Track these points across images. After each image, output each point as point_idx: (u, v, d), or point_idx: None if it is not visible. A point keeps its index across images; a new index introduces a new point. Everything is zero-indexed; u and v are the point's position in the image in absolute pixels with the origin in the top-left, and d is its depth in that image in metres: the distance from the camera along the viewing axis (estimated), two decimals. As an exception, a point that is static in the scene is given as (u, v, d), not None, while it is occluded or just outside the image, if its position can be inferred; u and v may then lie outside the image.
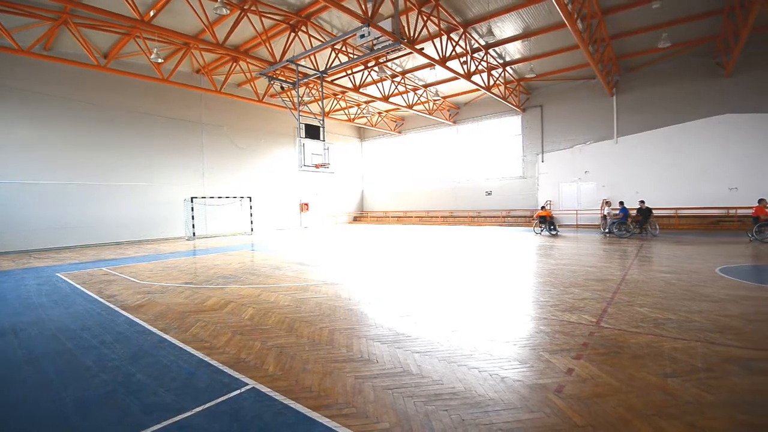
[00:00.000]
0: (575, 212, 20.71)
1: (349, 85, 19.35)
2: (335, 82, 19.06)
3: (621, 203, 16.02)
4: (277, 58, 14.91)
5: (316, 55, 15.77)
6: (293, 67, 14.96)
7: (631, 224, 15.26)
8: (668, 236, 14.71)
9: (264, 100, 19.94)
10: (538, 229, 17.40)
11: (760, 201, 12.41)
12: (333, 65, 15.46)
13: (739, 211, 16.73)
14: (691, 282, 6.69)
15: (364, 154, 31.44)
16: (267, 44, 14.12)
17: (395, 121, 28.42)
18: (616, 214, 15.82)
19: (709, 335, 4.11)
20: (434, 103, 23.50)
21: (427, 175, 27.66)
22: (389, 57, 17.07)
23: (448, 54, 15.35)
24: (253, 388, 3.19)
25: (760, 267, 8.04)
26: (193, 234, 18.82)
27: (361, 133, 31.12)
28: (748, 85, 16.79)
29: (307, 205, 25.83)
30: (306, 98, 20.67)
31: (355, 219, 30.76)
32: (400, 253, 11.98)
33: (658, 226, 15.29)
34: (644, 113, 19.04)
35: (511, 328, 4.59)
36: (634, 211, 15.74)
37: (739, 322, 4.51)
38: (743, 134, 16.88)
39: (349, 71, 18.45)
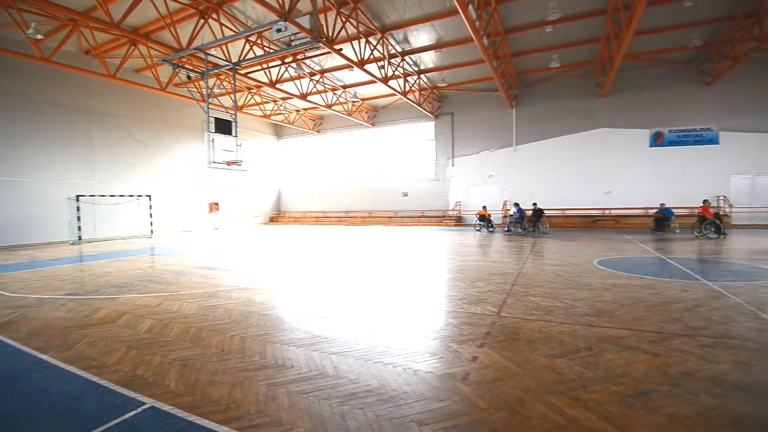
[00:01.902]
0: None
1: (265, 80, 18.58)
2: (249, 75, 18.16)
3: (516, 204, 17.75)
4: (184, 44, 13.75)
5: (229, 45, 14.87)
6: (202, 56, 13.91)
7: (526, 223, 17.00)
8: (557, 233, 16.69)
9: (168, 90, 18.15)
10: (477, 227, 18.67)
11: (704, 202, 14.46)
12: (247, 57, 14.71)
13: (613, 212, 19.68)
14: (575, 273, 7.68)
15: (281, 153, 30.40)
16: (172, 29, 12.94)
17: (314, 120, 28.00)
18: (513, 215, 17.51)
19: (588, 319, 4.76)
20: (353, 105, 23.67)
21: (346, 176, 27.75)
22: (307, 54, 16.79)
23: (366, 57, 15.57)
24: (152, 406, 2.90)
25: (628, 259, 9.51)
26: (79, 238, 16.40)
27: (278, 131, 30.07)
28: (619, 104, 19.87)
29: (217, 204, 24.17)
30: (216, 90, 19.36)
31: (272, 220, 29.64)
32: (318, 254, 11.84)
33: (548, 225, 17.29)
34: (539, 124, 21.39)
35: (424, 322, 4.83)
36: (530, 212, 17.58)
37: (612, 306, 5.30)
38: (616, 146, 19.92)
39: (264, 65, 17.72)
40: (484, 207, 19.46)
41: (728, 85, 17.94)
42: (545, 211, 17.49)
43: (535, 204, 17.56)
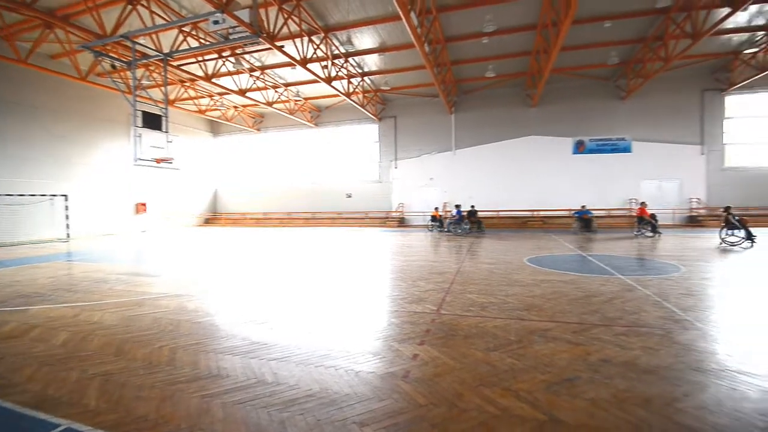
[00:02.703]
0: (423, 214, 23.02)
1: (200, 74, 17.57)
2: (183, 67, 17.07)
3: (457, 206, 18.51)
4: (108, 31, 12.59)
5: (160, 35, 13.89)
6: (129, 44, 12.81)
7: (464, 224, 17.75)
8: (492, 233, 17.58)
9: (89, 80, 16.46)
10: (430, 228, 19.07)
11: (642, 204, 15.81)
12: (180, 49, 13.80)
13: (541, 213, 21.15)
14: (507, 270, 8.15)
15: (217, 151, 28.87)
16: (94, 13, 11.80)
17: (254, 118, 26.97)
18: (453, 216, 18.23)
19: (519, 313, 5.06)
20: (295, 103, 23.17)
21: (289, 176, 27.06)
22: (247, 49, 16.13)
23: (309, 56, 15.33)
24: (68, 428, 2.61)
25: (554, 257, 10.27)
26: (-25, 242, 14.33)
27: (215, 128, 28.51)
28: (547, 114, 21.46)
29: (144, 205, 22.39)
30: (145, 82, 17.95)
31: (207, 221, 28.05)
32: (257, 257, 11.42)
33: (482, 225, 18.20)
34: (476, 130, 22.47)
35: (366, 323, 4.85)
36: (465, 213, 18.39)
37: (540, 300, 5.69)
38: (544, 152, 21.47)
39: (200, 58, 16.75)
40: (436, 208, 20.09)
41: (639, 100, 20.14)
42: (478, 213, 18.47)
43: (473, 206, 18.44)
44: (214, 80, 18.00)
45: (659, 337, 4.12)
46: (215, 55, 16.75)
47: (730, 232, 11.87)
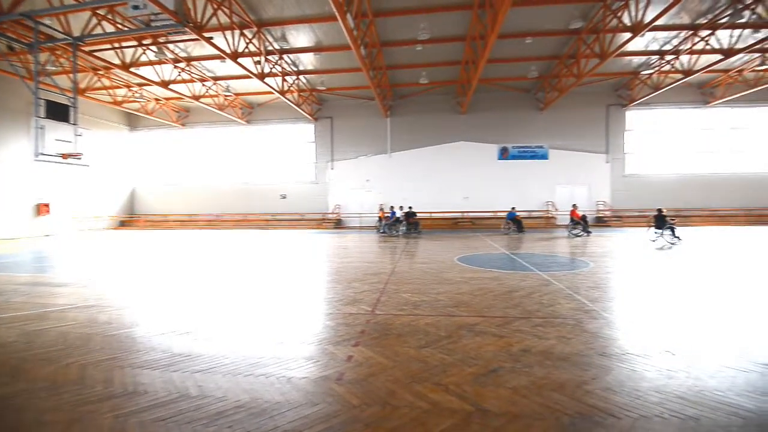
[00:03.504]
0: (359, 215, 23.15)
1: (117, 62, 15.97)
2: (96, 54, 15.39)
3: (392, 208, 18.89)
4: (5, 8, 10.98)
5: (70, 16, 12.40)
6: (31, 24, 11.27)
7: (400, 225, 18.15)
8: (427, 234, 18.18)
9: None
10: (380, 229, 18.99)
11: (574, 206, 16.95)
12: (94, 33, 12.43)
13: (470, 214, 22.31)
14: (439, 269, 8.48)
15: (136, 146, 26.43)
16: (-18, -16, 10.22)
17: (178, 112, 25.08)
18: (388, 217, 18.55)
19: (449, 310, 5.29)
20: (225, 99, 22.00)
21: (218, 175, 25.61)
22: (171, 38, 15.02)
23: (240, 50, 14.67)
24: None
25: (482, 255, 10.88)
26: None
27: (133, 121, 26.06)
28: (475, 121, 22.72)
29: (47, 206, 19.82)
30: (50, 68, 15.87)
31: (123, 224, 25.54)
32: (181, 262, 10.66)
33: (419, 226, 18.73)
34: (410, 134, 23.13)
35: (300, 327, 4.74)
36: (403, 214, 18.82)
37: (468, 297, 5.99)
38: (472, 157, 22.69)
39: (117, 44, 15.24)
40: (381, 209, 20.22)
41: (555, 112, 22.11)
42: (417, 214, 18.97)
43: (410, 207, 18.92)
44: (132, 69, 16.48)
45: (571, 327, 4.55)
46: (135, 43, 15.37)
47: (658, 231, 13.47)
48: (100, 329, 4.74)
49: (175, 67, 17.85)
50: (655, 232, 13.63)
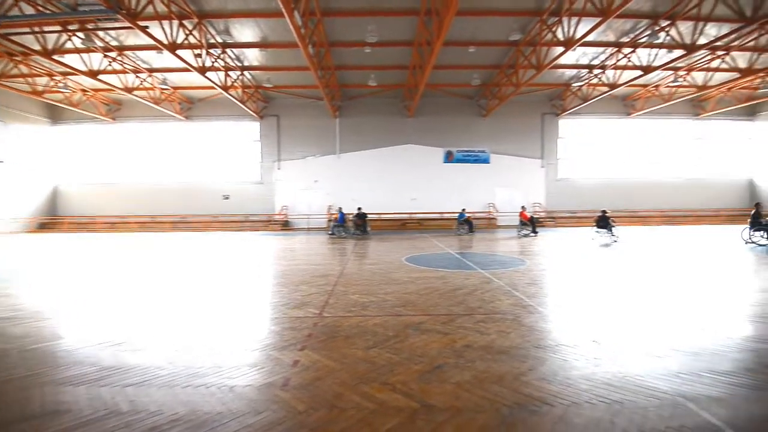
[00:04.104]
0: (307, 217, 22.76)
1: (37, 47, 14.32)
2: (12, 37, 13.71)
3: (340, 209, 18.79)
4: None
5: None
6: None
7: (350, 226, 18.11)
8: (376, 235, 18.31)
9: None
10: (331, 231, 18.55)
11: (523, 207, 17.67)
12: (10, 14, 11.07)
13: (418, 216, 22.80)
14: (387, 270, 8.58)
15: (59, 141, 23.87)
16: None
17: (108, 105, 23.08)
18: (338, 219, 18.39)
19: (397, 310, 5.36)
20: (162, 92, 20.63)
21: (154, 174, 23.90)
22: (101, 25, 13.82)
23: (179, 41, 13.84)
24: None
25: (428, 255, 11.15)
26: None
27: (55, 113, 23.40)
28: (422, 125, 23.29)
29: (-56, 206, 17.35)
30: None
31: (44, 226, 22.95)
32: (111, 267, 9.83)
33: (369, 227, 18.80)
34: (359, 135, 23.18)
35: (242, 333, 4.56)
36: (353, 215, 18.79)
37: (415, 296, 6.12)
38: (419, 160, 23.24)
39: (37, 28, 13.69)
40: (339, 209, 19.83)
41: (496, 118, 23.25)
42: (367, 216, 18.97)
43: (359, 208, 18.89)
44: (56, 57, 14.90)
45: (510, 322, 4.81)
46: (59, 28, 13.91)
47: (600, 230, 14.66)
48: (13, 344, 4.24)
49: (105, 56, 16.43)
50: (597, 231, 14.87)
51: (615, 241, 13.83)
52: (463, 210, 19.54)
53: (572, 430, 2.53)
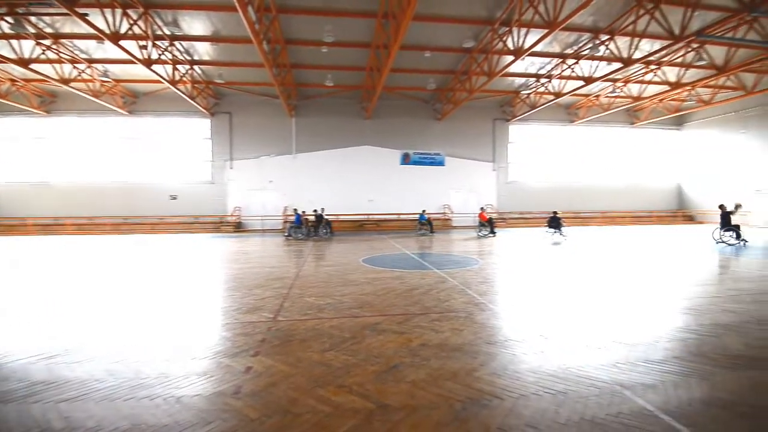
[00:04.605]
0: (262, 218, 22.13)
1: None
2: None
3: (295, 210, 18.30)
4: None
5: None
6: None
7: (308, 228, 17.82)
8: (334, 236, 18.15)
9: None
10: (287, 233, 18.09)
11: (482, 209, 18.30)
12: None
13: (375, 217, 22.89)
14: (344, 271, 8.55)
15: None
16: None
17: (41, 96, 21.10)
18: (293, 220, 17.93)
19: (354, 311, 5.36)
20: (102, 85, 19.22)
21: (93, 173, 22.17)
22: (34, 10, 12.67)
23: (123, 31, 12.98)
24: None
25: (386, 256, 11.22)
26: None
27: (-27, 104, 21.10)
28: (379, 127, 23.43)
29: None
30: None
31: (-43, 229, 20.62)
32: (44, 273, 9.02)
33: (327, 230, 18.60)
34: (316, 136, 22.91)
35: (191, 341, 4.35)
36: (311, 217, 18.52)
37: (372, 297, 6.14)
38: (377, 162, 23.37)
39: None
40: (300, 211, 19.27)
41: (451, 122, 23.89)
42: (324, 217, 18.78)
43: (315, 210, 18.67)
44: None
45: (463, 319, 4.96)
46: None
47: (551, 230, 15.88)
48: None
49: (38, 44, 15.02)
50: (547, 231, 15.90)
51: (564, 240, 14.79)
52: (424, 211, 19.86)
53: (520, 421, 2.66)
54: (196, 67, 18.53)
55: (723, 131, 23.55)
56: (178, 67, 17.25)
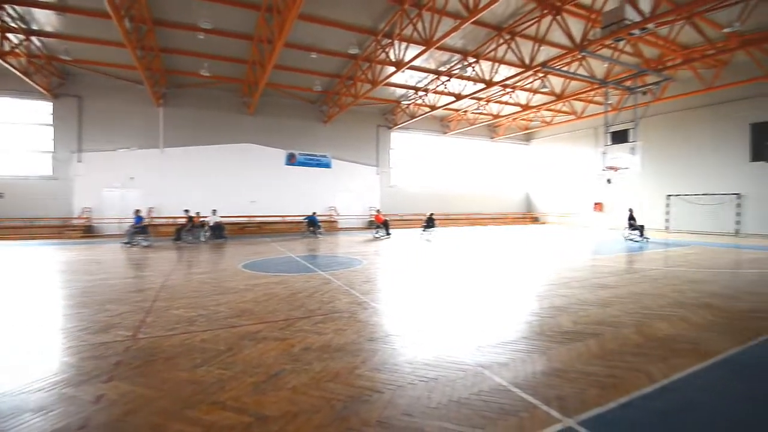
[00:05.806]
0: (119, 221, 19.05)
1: None
2: None
3: (137, 212, 15.48)
4: None
5: None
6: None
7: (185, 232, 16.04)
8: (210, 241, 16.62)
9: None
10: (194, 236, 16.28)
11: (378, 211, 18.86)
12: None
13: (258, 219, 21.76)
14: (221, 279, 7.95)
15: None
16: None
17: None
18: (135, 223, 15.14)
19: (231, 321, 5.02)
20: None
21: None
22: None
23: None
24: None
25: (269, 260, 10.76)
26: None
27: None
28: (263, 125, 22.40)
29: None
30: None
31: None
32: None
33: (204, 234, 16.91)
34: (189, 129, 20.78)
35: (22, 373, 3.54)
36: (185, 219, 16.68)
37: (252, 304, 5.83)
38: (260, 161, 22.30)
39: None
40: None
41: (337, 125, 24.13)
42: (193, 219, 17.03)
43: (187, 211, 16.85)
44: None
45: (347, 319, 5.06)
46: None
47: (427, 230, 17.64)
48: None
49: None
50: (423, 231, 17.62)
51: (435, 238, 16.38)
52: (314, 213, 19.55)
53: (398, 410, 2.83)
54: (34, 38, 15.13)
55: (560, 148, 28.70)
56: (9, 35, 13.85)
